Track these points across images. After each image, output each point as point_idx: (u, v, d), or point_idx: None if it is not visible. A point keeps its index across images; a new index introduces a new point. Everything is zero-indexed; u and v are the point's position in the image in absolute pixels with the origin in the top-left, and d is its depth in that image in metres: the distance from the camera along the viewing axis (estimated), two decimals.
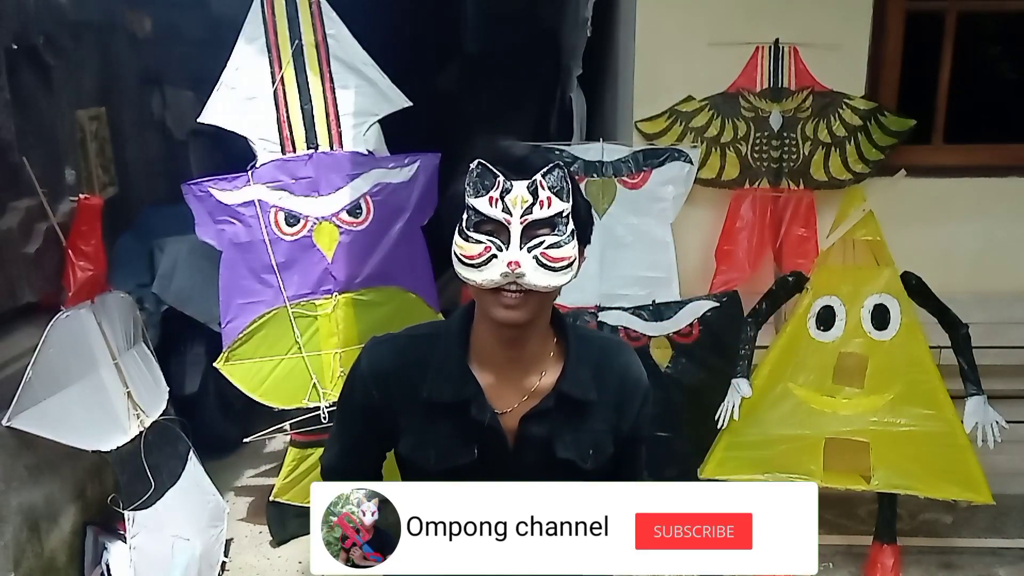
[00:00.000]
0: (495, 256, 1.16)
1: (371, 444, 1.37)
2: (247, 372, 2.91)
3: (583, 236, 1.23)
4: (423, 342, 1.31)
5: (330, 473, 1.41)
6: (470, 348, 1.28)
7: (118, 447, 2.47)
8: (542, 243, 1.16)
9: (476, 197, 1.18)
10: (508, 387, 1.26)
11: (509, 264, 1.15)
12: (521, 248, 1.15)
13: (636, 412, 1.32)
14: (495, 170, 1.18)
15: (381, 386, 1.29)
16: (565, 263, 1.17)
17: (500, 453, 1.26)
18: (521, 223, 1.16)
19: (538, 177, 1.17)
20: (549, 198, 1.17)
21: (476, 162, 1.19)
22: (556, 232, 1.18)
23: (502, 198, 1.17)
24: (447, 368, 1.26)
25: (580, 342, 1.30)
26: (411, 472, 1.32)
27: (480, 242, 1.17)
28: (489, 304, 1.20)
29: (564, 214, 1.18)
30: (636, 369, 1.34)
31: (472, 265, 1.17)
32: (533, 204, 1.16)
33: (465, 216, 1.19)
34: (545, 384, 1.26)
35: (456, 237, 1.20)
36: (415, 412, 1.27)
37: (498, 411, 1.25)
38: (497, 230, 1.17)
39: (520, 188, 1.17)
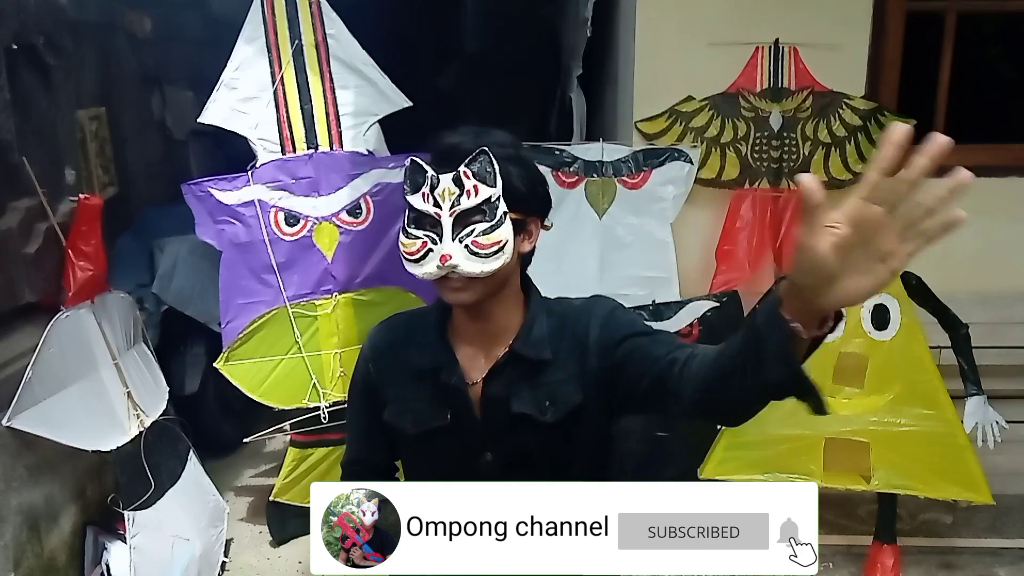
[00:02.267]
0: (431, 250, 1.22)
1: (378, 430, 1.40)
2: (247, 372, 2.91)
3: (535, 208, 1.28)
4: (415, 318, 1.41)
5: (347, 466, 1.46)
6: (450, 323, 1.35)
7: (118, 447, 2.47)
8: (473, 231, 1.21)
9: (412, 194, 1.24)
10: (479, 357, 1.32)
11: (441, 258, 1.20)
12: (453, 239, 1.20)
13: (598, 336, 1.27)
14: (425, 165, 1.23)
15: (377, 360, 1.38)
16: (496, 248, 1.21)
17: (468, 416, 1.31)
18: (451, 215, 1.21)
19: (461, 168, 1.21)
20: (476, 186, 1.21)
21: (409, 159, 1.25)
22: (487, 219, 1.21)
23: (432, 192, 1.22)
24: (428, 339, 1.33)
25: (546, 307, 1.34)
26: (396, 440, 1.38)
27: (418, 237, 1.23)
28: (440, 289, 1.27)
29: (492, 199, 1.22)
30: (587, 311, 1.31)
31: (413, 260, 1.24)
32: (460, 195, 1.21)
33: (405, 213, 1.26)
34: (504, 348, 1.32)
35: (400, 234, 1.27)
36: (400, 381, 1.35)
37: (469, 381, 1.31)
38: (432, 224, 1.23)
39: (446, 180, 1.21)
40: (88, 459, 2.53)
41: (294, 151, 2.89)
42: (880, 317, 2.62)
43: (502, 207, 1.22)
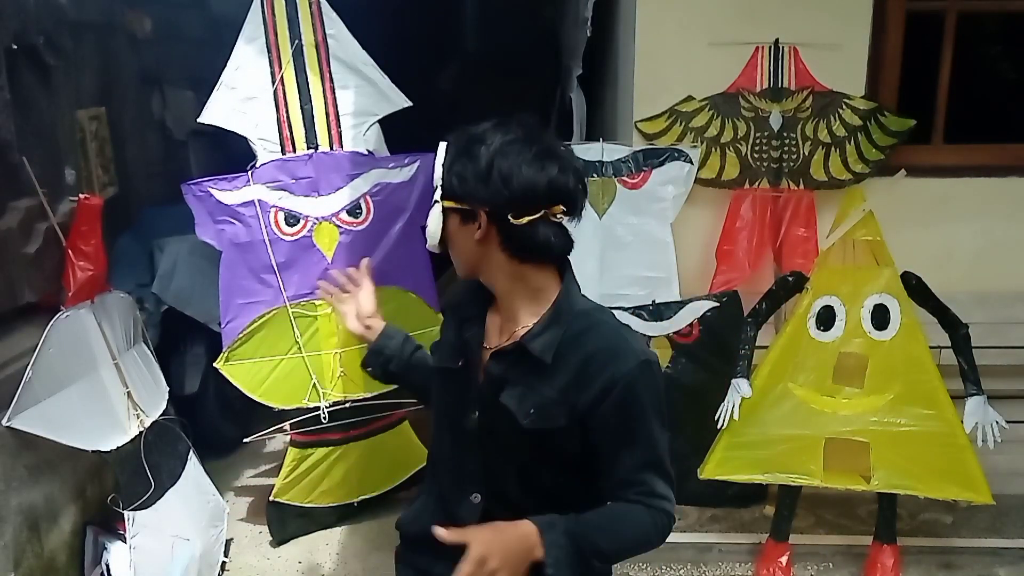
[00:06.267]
0: None
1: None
2: (247, 372, 2.91)
3: (480, 200, 1.29)
4: None
5: None
6: None
7: (118, 447, 2.47)
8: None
9: None
10: (500, 326, 1.41)
11: None
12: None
13: (597, 395, 1.27)
14: None
15: (448, 303, 1.56)
16: (429, 228, 1.38)
17: (473, 373, 1.41)
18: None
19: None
20: (435, 176, 1.37)
21: None
22: (431, 204, 1.38)
23: None
24: (479, 296, 1.44)
25: (569, 311, 1.35)
26: (432, 367, 1.56)
27: None
28: None
29: (435, 187, 1.37)
30: (611, 352, 1.30)
31: None
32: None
33: None
34: (520, 334, 1.36)
35: None
36: (451, 323, 1.50)
37: (486, 343, 1.42)
38: None
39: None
40: (88, 459, 2.53)
41: (294, 151, 2.90)
42: (880, 317, 2.62)
43: (437, 194, 1.36)
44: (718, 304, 2.97)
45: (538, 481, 1.38)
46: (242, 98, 2.84)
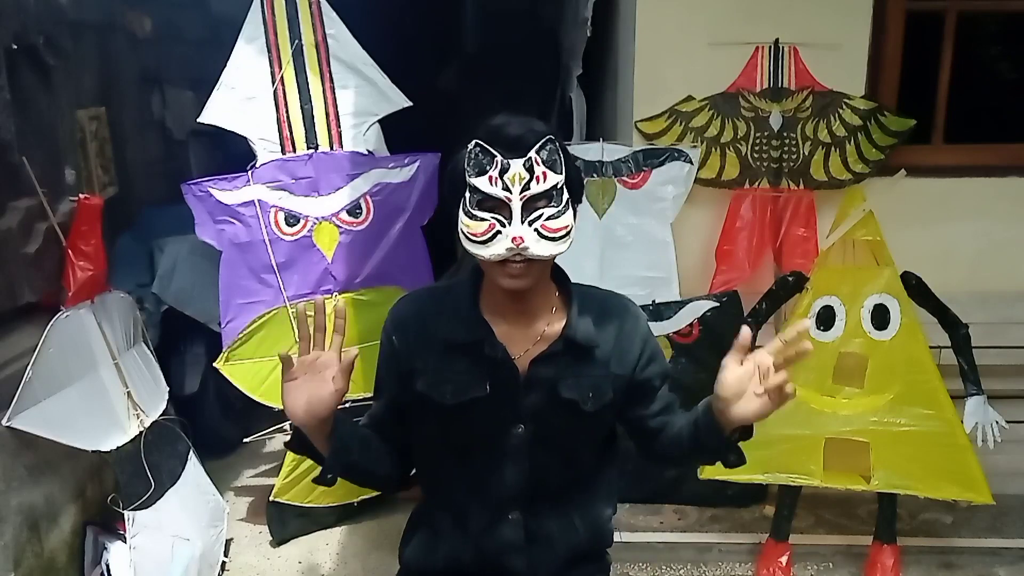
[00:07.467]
0: (500, 232, 1.25)
1: (399, 402, 1.42)
2: (247, 372, 2.91)
3: (580, 198, 1.36)
4: (439, 293, 1.46)
5: (367, 419, 1.50)
6: (481, 298, 1.39)
7: (118, 447, 2.47)
8: (541, 215, 1.26)
9: (477, 176, 1.26)
10: (517, 333, 1.37)
11: (514, 239, 1.24)
12: (523, 223, 1.25)
13: (637, 356, 1.40)
14: (492, 150, 1.25)
15: (400, 332, 1.40)
16: (563, 232, 1.28)
17: (511, 389, 1.35)
18: (521, 199, 1.24)
19: (532, 154, 1.25)
20: (544, 173, 1.26)
21: (474, 143, 1.27)
22: (553, 204, 1.27)
23: (501, 176, 1.25)
24: (460, 313, 1.37)
25: (582, 295, 1.41)
26: (428, 409, 1.38)
27: (484, 219, 1.26)
28: (496, 275, 1.30)
29: (559, 186, 1.28)
30: (633, 318, 1.43)
31: (479, 241, 1.26)
32: (530, 180, 1.25)
33: (468, 195, 1.28)
34: (552, 331, 1.37)
35: (460, 215, 1.29)
36: (431, 353, 1.37)
37: (511, 355, 1.35)
38: (499, 207, 1.26)
39: (517, 166, 1.25)
40: (88, 459, 2.53)
41: (294, 151, 2.90)
42: (880, 317, 2.62)
43: (566, 194, 1.29)
44: (718, 304, 2.97)
45: (580, 464, 1.43)
46: (242, 98, 2.84)
